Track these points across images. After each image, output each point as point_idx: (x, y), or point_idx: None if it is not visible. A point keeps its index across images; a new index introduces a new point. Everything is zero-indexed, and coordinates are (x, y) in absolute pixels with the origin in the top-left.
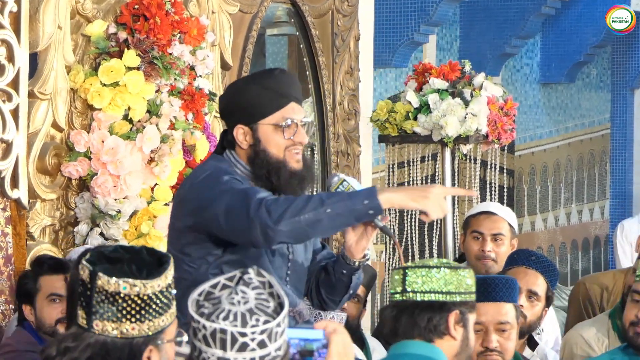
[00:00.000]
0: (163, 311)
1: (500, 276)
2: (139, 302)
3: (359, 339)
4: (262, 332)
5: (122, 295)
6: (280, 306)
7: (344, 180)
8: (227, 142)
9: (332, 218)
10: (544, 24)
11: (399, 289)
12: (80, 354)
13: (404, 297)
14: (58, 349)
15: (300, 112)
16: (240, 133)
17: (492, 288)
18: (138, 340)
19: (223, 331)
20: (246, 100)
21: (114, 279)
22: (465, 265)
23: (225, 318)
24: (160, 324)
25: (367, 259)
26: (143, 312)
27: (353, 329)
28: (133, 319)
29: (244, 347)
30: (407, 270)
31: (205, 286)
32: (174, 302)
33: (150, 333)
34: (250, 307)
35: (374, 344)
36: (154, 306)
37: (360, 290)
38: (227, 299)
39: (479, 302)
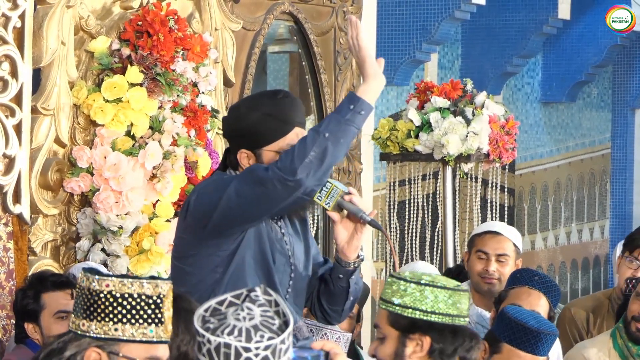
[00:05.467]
0: (117, 319)
1: (551, 332)
2: (89, 296)
3: (353, 354)
4: (266, 348)
5: (80, 287)
6: (285, 324)
7: (327, 181)
8: (229, 162)
9: (335, 139)
10: (545, 44)
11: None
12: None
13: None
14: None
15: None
16: (244, 157)
17: (542, 343)
18: (85, 339)
19: (227, 346)
20: (249, 127)
21: (87, 274)
22: (468, 282)
23: (230, 333)
24: (112, 332)
25: (362, 259)
26: (92, 308)
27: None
28: (84, 314)
29: None
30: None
31: (212, 302)
32: (151, 326)
33: (99, 335)
34: (256, 323)
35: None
36: (102, 307)
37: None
38: (233, 315)
39: (522, 351)
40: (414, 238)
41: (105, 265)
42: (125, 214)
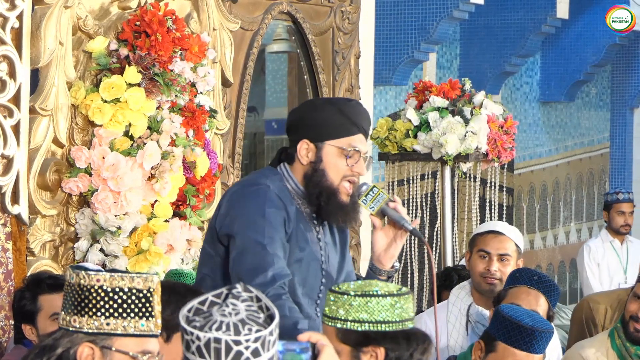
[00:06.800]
0: (109, 314)
1: (546, 329)
2: (79, 291)
3: None
4: (255, 340)
5: (70, 283)
6: (270, 318)
7: (374, 186)
8: (285, 155)
9: None
10: (544, 43)
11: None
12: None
13: None
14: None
15: (365, 145)
16: (304, 148)
17: (536, 341)
18: (78, 335)
19: (217, 340)
20: (320, 118)
21: (76, 270)
22: (469, 281)
23: (219, 329)
24: (105, 327)
25: (396, 270)
26: (83, 304)
27: None
28: (75, 310)
29: (238, 356)
30: None
31: (194, 303)
32: (142, 320)
33: (91, 330)
34: (242, 317)
35: None
36: (94, 302)
37: None
38: (219, 312)
39: (517, 349)
40: (413, 238)
41: (104, 266)
42: (124, 214)
